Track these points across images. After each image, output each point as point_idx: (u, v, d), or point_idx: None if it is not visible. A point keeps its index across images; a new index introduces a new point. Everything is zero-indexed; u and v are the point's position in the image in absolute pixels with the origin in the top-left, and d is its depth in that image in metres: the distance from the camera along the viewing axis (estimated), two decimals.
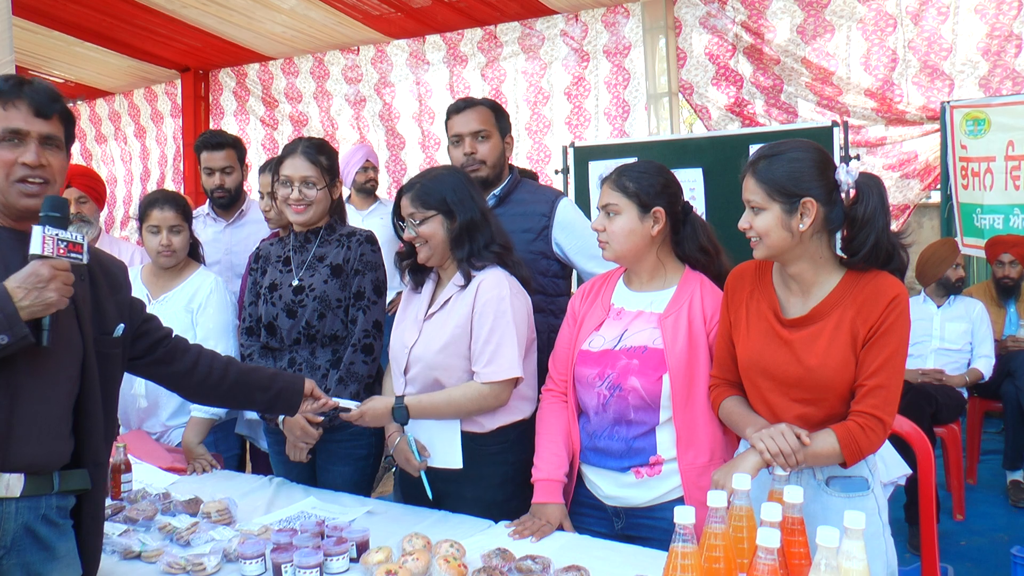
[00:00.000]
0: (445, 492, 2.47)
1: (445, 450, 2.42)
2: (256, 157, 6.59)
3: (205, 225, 3.91)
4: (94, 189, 3.91)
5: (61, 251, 1.71)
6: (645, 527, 2.25)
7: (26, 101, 1.78)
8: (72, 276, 1.70)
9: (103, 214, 4.16)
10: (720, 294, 2.25)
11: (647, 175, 2.31)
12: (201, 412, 2.92)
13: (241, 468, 3.39)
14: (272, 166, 2.97)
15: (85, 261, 1.76)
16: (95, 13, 5.82)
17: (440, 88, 6.12)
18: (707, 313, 2.24)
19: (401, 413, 2.38)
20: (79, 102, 7.80)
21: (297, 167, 2.74)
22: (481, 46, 5.92)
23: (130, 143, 7.60)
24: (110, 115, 7.64)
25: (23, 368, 1.73)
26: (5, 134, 1.77)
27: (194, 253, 3.17)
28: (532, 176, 4.05)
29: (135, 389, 3.01)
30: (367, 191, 4.92)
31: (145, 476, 2.74)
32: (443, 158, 5.84)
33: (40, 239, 1.69)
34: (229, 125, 6.71)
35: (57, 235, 1.71)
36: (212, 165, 3.84)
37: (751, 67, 5.48)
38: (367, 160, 4.87)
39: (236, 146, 3.91)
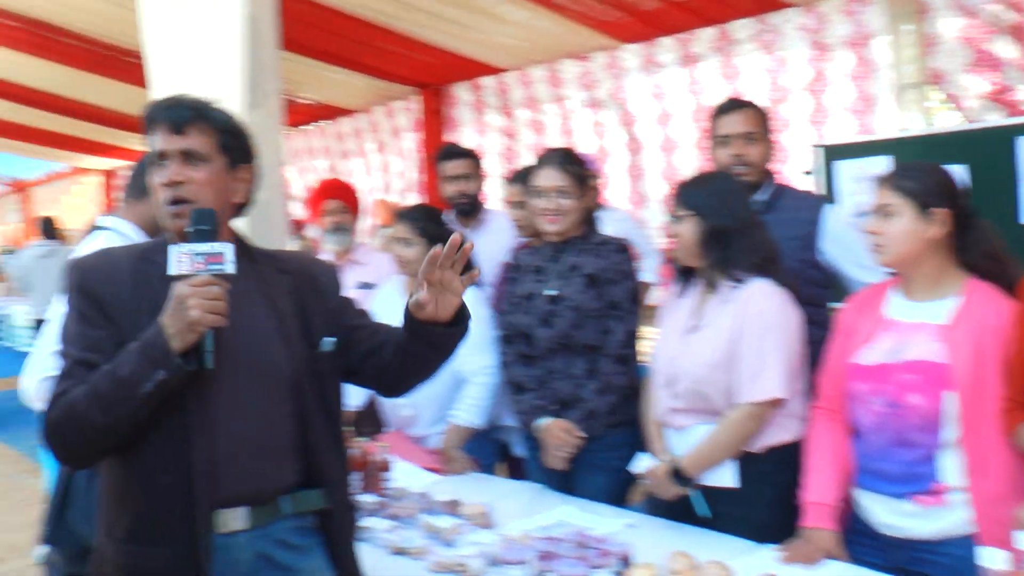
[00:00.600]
0: (711, 510, 2.40)
1: (719, 468, 2.35)
2: (495, 168, 6.77)
3: None
4: (350, 200, 4.16)
5: (199, 265, 1.61)
6: (928, 563, 2.07)
7: (163, 120, 1.73)
8: (216, 290, 1.58)
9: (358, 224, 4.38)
10: (1012, 306, 2.03)
11: (927, 174, 2.15)
12: (461, 420, 3.02)
13: (494, 472, 3.48)
14: (521, 177, 3.02)
15: (229, 270, 1.62)
16: (342, 39, 6.22)
17: (676, 90, 6.01)
18: (998, 327, 2.03)
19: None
20: (324, 122, 8.38)
21: (550, 178, 2.77)
22: (715, 45, 5.76)
23: (370, 158, 8.06)
24: (354, 132, 8.14)
25: (220, 402, 1.68)
26: (153, 158, 1.75)
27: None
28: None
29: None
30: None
31: (404, 474, 2.87)
32: (682, 161, 5.75)
33: (175, 259, 1.62)
34: (467, 137, 6.93)
35: (192, 250, 1.62)
36: (452, 173, 3.99)
37: (1016, 49, 4.95)
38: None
39: (473, 156, 4.03)
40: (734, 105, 2.93)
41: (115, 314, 1.70)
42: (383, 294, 3.42)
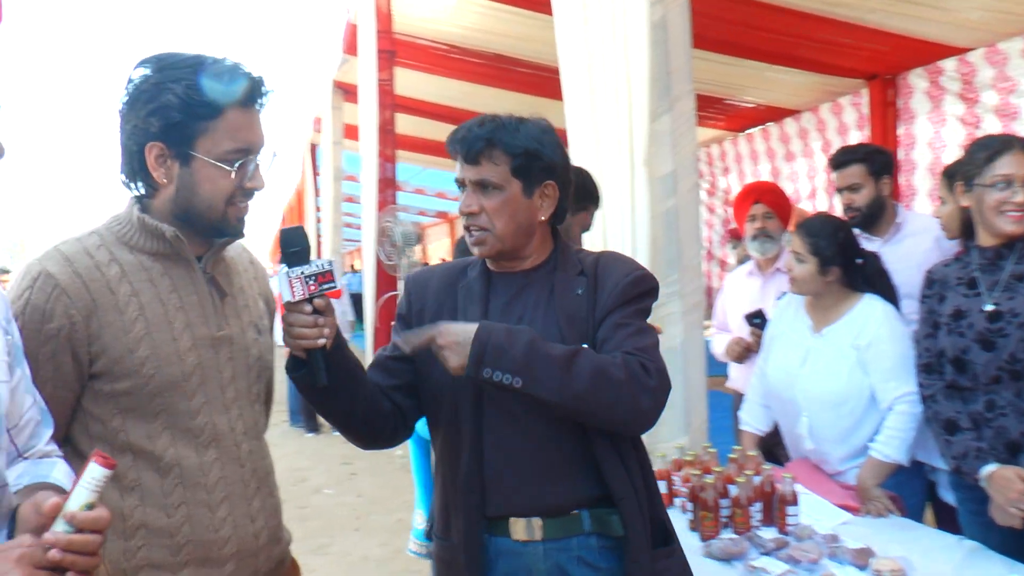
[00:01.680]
0: None
1: None
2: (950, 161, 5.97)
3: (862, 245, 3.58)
4: (780, 205, 3.91)
5: (312, 288, 1.62)
6: None
7: (458, 150, 1.79)
8: (321, 305, 1.62)
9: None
10: None
11: None
12: (880, 454, 2.64)
13: (921, 518, 3.01)
14: (962, 168, 2.53)
15: (339, 286, 1.64)
16: (780, 36, 5.93)
17: None
18: None
19: None
20: (768, 124, 8.11)
21: (1018, 164, 2.28)
22: None
23: (816, 158, 7.61)
24: (798, 132, 7.76)
25: (500, 410, 1.74)
26: (458, 183, 1.82)
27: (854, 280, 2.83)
28: None
29: (799, 428, 2.84)
30: None
31: (814, 509, 2.58)
32: None
33: (287, 284, 1.62)
34: (921, 128, 6.22)
35: (303, 273, 1.62)
36: (840, 184, 3.50)
37: None
38: None
39: (868, 159, 3.48)
40: None
41: (413, 322, 1.87)
42: (778, 312, 3.12)
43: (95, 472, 1.21)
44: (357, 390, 1.78)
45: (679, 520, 2.57)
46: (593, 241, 3.03)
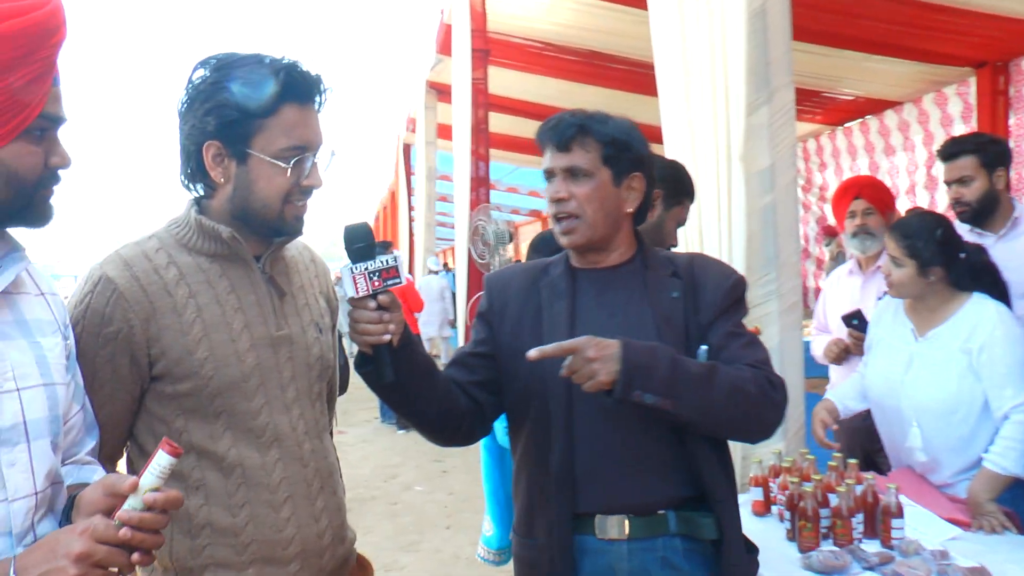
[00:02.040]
0: None
1: None
2: None
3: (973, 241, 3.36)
4: (881, 201, 3.74)
5: (376, 284, 1.63)
6: None
7: (549, 139, 1.80)
8: (385, 301, 1.63)
9: None
10: None
11: None
12: (994, 465, 2.48)
13: None
14: None
15: (402, 282, 1.64)
16: (881, 24, 5.69)
17: None
18: None
19: None
20: (867, 117, 7.80)
21: None
22: None
23: (917, 152, 7.29)
24: (899, 125, 7.44)
25: (589, 406, 1.73)
26: (544, 175, 1.84)
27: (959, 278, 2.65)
28: None
29: (910, 441, 2.67)
30: None
31: (920, 523, 2.44)
32: None
33: (350, 281, 1.63)
34: None
35: (367, 269, 1.63)
36: (948, 177, 3.29)
37: None
38: None
39: (980, 150, 3.25)
40: None
41: (495, 321, 1.90)
42: (876, 315, 2.95)
43: (162, 460, 1.23)
44: (428, 387, 1.78)
45: (776, 529, 2.48)
46: (688, 237, 2.95)
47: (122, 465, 1.76)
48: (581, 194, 1.78)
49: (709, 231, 2.86)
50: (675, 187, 2.55)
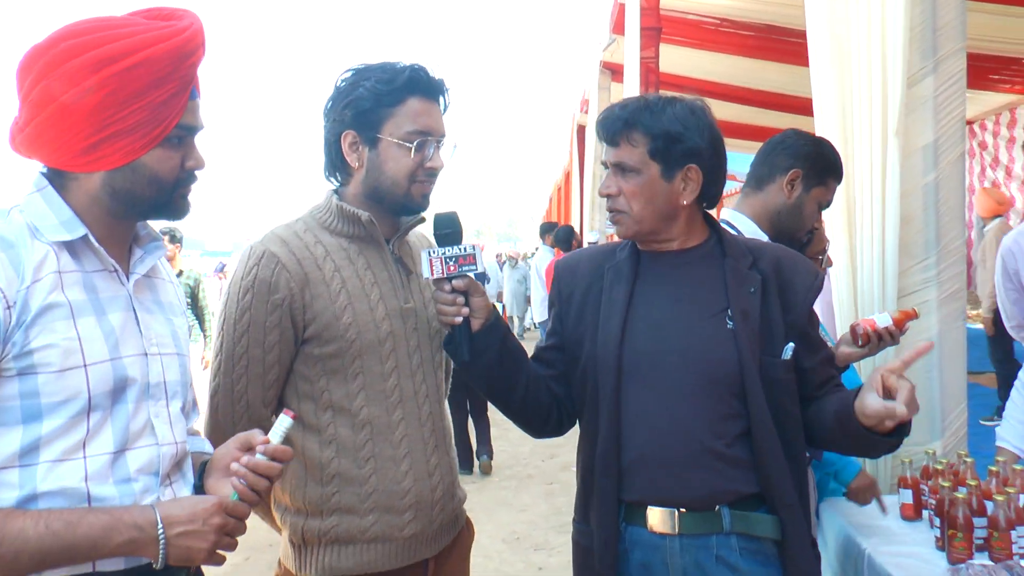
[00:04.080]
0: None
1: None
2: None
3: None
4: None
5: (452, 268, 1.74)
6: None
7: (601, 133, 1.82)
8: (446, 295, 1.73)
9: None
10: None
11: None
12: None
13: None
14: None
15: (480, 269, 1.75)
16: None
17: None
18: None
19: None
20: None
21: None
22: None
23: None
24: None
25: (643, 397, 1.73)
26: (603, 165, 1.85)
27: None
28: None
29: None
30: None
31: None
32: None
33: (427, 263, 1.75)
34: None
35: (443, 254, 1.74)
36: None
37: None
38: None
39: None
40: None
41: (563, 308, 1.91)
42: None
43: (284, 422, 1.49)
44: (509, 374, 1.84)
45: (925, 535, 2.29)
46: (836, 219, 2.75)
47: None
48: (628, 190, 1.78)
49: (862, 211, 2.65)
50: (817, 166, 2.37)
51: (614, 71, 10.45)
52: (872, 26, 2.56)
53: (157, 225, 1.63)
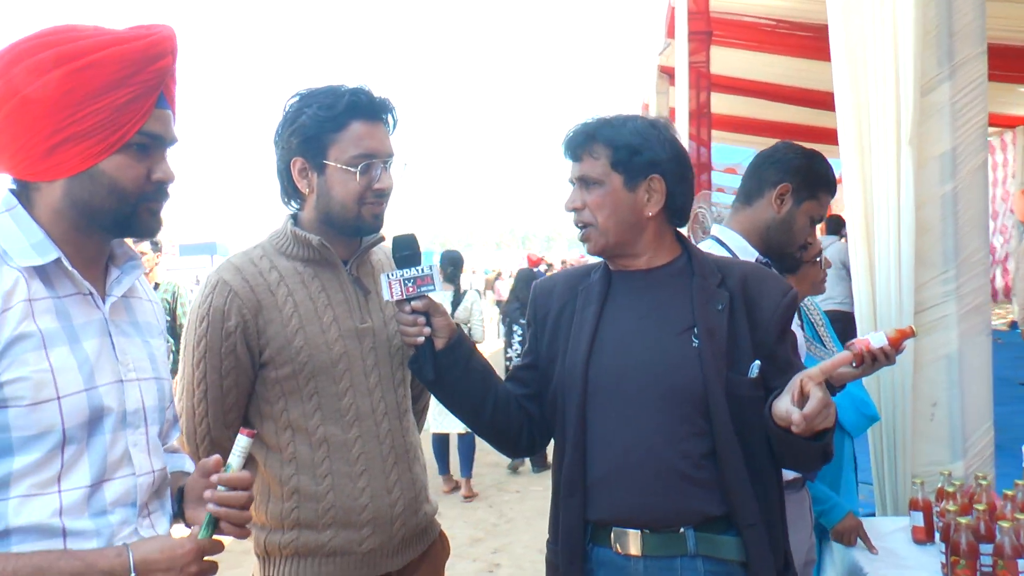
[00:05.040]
0: None
1: None
2: None
3: None
4: None
5: (410, 289, 1.78)
6: None
7: (565, 149, 1.84)
8: (407, 316, 1.78)
9: None
10: None
11: None
12: None
13: None
14: None
15: (436, 289, 1.79)
16: None
17: None
18: None
19: None
20: None
21: None
22: None
23: None
24: None
25: (607, 416, 1.72)
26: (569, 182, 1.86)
27: None
28: None
29: None
30: None
31: None
32: None
33: (387, 285, 1.80)
34: None
35: (402, 275, 1.79)
36: None
37: None
38: None
39: None
40: None
41: (538, 329, 1.93)
42: None
43: (242, 441, 1.47)
44: (475, 392, 1.85)
45: (934, 560, 2.20)
46: (855, 230, 2.66)
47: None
48: (592, 202, 1.79)
49: (879, 222, 2.56)
50: (808, 179, 2.30)
51: (671, 75, 10.32)
52: (884, 31, 2.47)
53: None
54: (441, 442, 6.94)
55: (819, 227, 2.64)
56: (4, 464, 1.30)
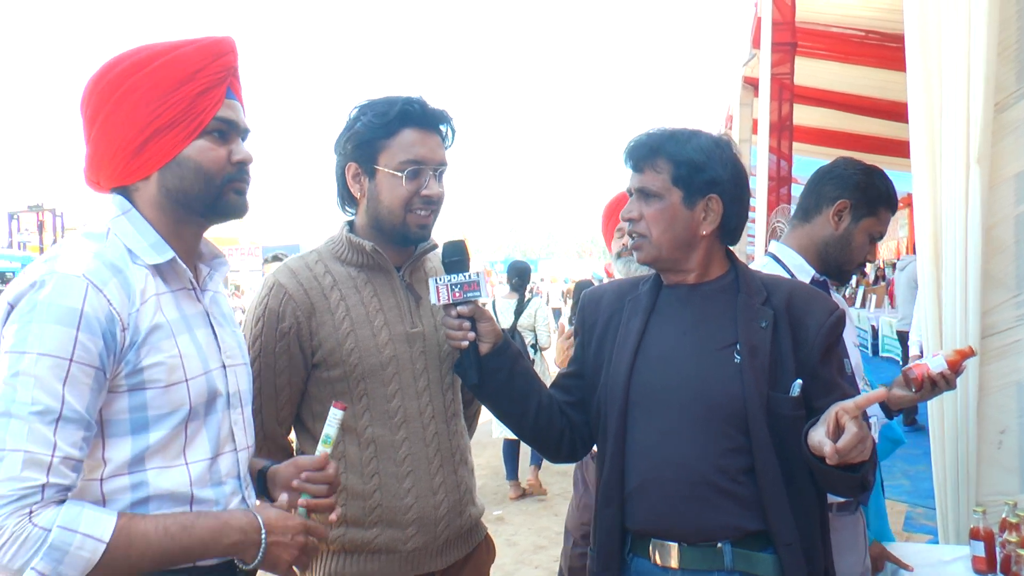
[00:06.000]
0: None
1: None
2: None
3: None
4: None
5: (457, 295, 1.83)
6: None
7: (628, 159, 1.84)
8: (453, 320, 1.82)
9: None
10: None
11: None
12: None
13: None
14: None
15: (482, 296, 1.82)
16: None
17: None
18: None
19: None
20: None
21: None
22: None
23: None
24: None
25: (648, 428, 1.73)
26: (628, 192, 1.87)
27: None
28: None
29: None
30: None
31: None
32: None
33: (434, 290, 1.84)
34: None
35: (449, 281, 1.83)
36: None
37: None
38: None
39: None
40: None
41: (585, 338, 1.95)
42: None
43: (336, 414, 1.65)
44: (519, 397, 1.88)
45: None
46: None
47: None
48: (649, 215, 1.80)
49: (947, 241, 2.49)
50: (867, 196, 2.26)
51: (756, 86, 10.15)
52: (958, 47, 2.41)
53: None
54: (511, 447, 7.00)
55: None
56: (142, 439, 1.45)
